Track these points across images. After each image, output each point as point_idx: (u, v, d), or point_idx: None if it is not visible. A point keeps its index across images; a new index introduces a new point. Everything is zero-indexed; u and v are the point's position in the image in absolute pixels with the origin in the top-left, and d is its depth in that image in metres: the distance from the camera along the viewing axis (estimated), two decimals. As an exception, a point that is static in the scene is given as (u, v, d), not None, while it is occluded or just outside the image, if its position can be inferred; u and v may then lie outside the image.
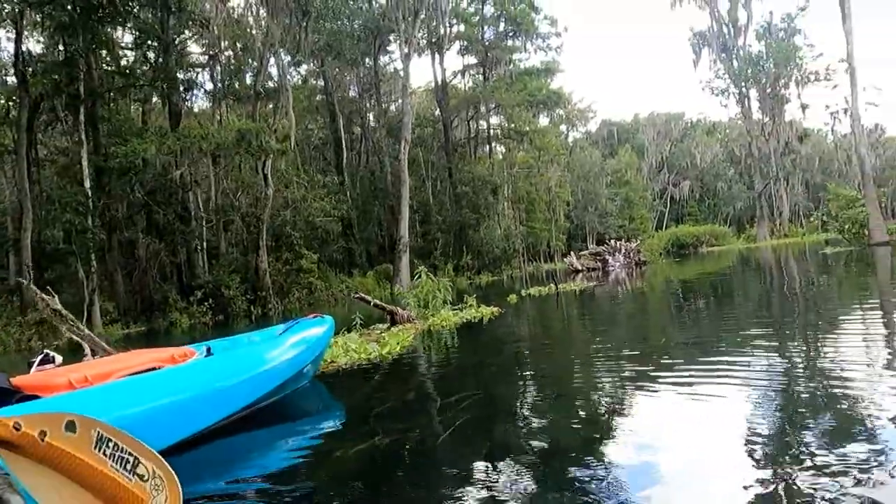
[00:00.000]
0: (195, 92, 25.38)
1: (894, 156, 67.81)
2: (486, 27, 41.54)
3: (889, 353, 4.47)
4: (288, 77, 24.33)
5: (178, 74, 21.47)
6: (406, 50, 27.32)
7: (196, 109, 26.61)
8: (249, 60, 25.20)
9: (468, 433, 3.61)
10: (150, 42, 20.65)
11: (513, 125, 44.24)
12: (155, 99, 23.72)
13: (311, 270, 24.53)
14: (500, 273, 35.64)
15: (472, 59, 43.51)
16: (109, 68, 21.33)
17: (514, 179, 45.12)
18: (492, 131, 45.24)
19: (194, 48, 25.53)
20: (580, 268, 28.44)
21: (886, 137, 66.53)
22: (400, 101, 43.21)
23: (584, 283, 19.37)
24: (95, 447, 3.12)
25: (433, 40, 38.73)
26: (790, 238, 39.63)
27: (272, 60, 24.25)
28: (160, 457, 2.69)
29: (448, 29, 36.54)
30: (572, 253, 33.50)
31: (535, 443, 3.34)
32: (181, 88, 22.08)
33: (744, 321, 7.53)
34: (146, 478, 2.98)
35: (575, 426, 3.55)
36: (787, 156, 50.66)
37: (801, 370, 4.30)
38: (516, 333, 9.14)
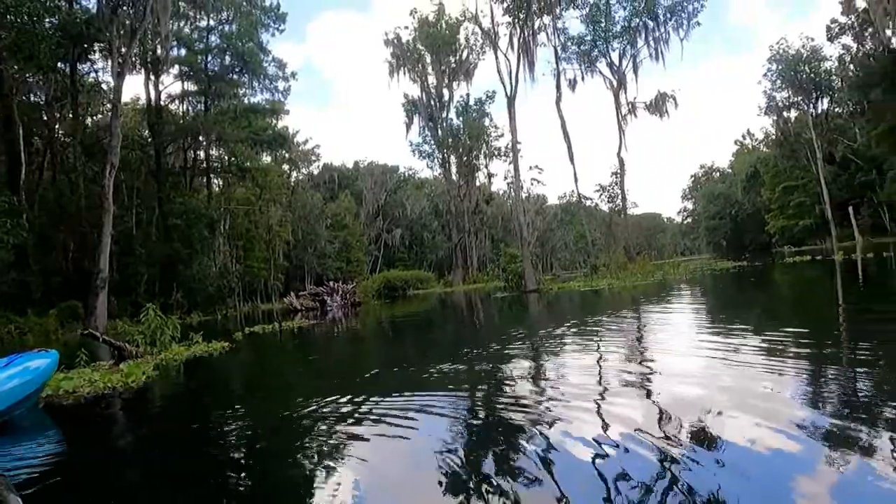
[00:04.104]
0: None
1: (553, 220, 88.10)
2: (210, 56, 40.29)
3: (536, 360, 6.66)
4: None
5: None
6: (119, 68, 24.95)
7: None
8: None
9: (198, 442, 4.37)
10: None
11: (234, 159, 43.26)
12: None
13: (-34, 308, 20.06)
14: (214, 313, 33.97)
15: (192, 86, 41.49)
16: None
17: (233, 215, 43.88)
18: (211, 164, 43.28)
19: None
20: (299, 307, 29.26)
21: (548, 205, 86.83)
22: (100, 116, 38.53)
23: (303, 321, 20.32)
24: None
25: (148, 59, 35.93)
26: (478, 284, 47.20)
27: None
28: None
29: (168, 51, 34.37)
30: (291, 293, 34.04)
31: (242, 450, 4.11)
32: None
33: (435, 349, 9.63)
34: None
35: (279, 431, 4.49)
36: (477, 214, 60.74)
37: (484, 378, 6.15)
38: (242, 364, 9.84)
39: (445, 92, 53.46)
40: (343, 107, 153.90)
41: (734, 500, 2.54)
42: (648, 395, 4.48)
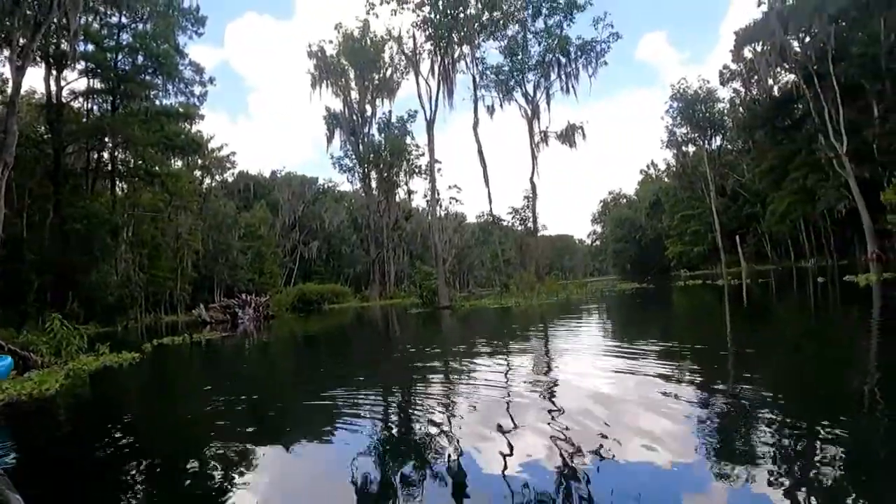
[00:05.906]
0: None
1: (471, 238, 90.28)
2: (121, 55, 38.37)
3: (447, 370, 7.29)
4: None
5: None
6: (19, 62, 23.40)
7: None
8: None
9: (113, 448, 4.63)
10: None
11: (142, 163, 41.24)
12: None
13: None
14: (114, 324, 32.10)
15: (99, 84, 39.20)
16: None
17: (138, 221, 41.80)
18: (117, 166, 40.95)
19: None
20: (209, 320, 28.37)
21: (466, 223, 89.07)
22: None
23: (213, 334, 19.92)
24: None
25: (50, 52, 33.74)
26: (395, 299, 47.51)
27: None
28: None
29: (75, 47, 32.50)
30: (201, 305, 32.86)
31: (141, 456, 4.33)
32: None
33: (345, 363, 10.07)
34: None
35: (188, 437, 4.84)
36: (396, 230, 61.20)
37: (389, 390, 6.70)
38: (153, 374, 9.88)
39: (368, 108, 53.87)
40: (262, 115, 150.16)
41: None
42: (539, 402, 5.11)
